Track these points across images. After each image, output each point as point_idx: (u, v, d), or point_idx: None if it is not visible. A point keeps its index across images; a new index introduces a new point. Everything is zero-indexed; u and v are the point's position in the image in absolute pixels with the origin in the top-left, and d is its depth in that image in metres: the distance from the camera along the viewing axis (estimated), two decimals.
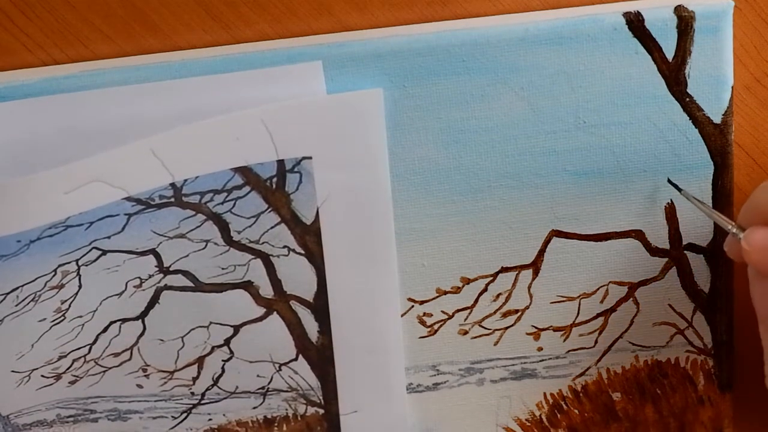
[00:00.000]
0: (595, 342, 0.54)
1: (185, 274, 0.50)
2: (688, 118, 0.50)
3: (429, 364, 0.54)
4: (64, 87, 0.46)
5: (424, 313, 0.53)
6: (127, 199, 0.47)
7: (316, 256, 0.50)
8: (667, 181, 0.51)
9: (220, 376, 0.53)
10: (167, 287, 0.50)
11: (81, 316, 0.50)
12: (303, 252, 0.50)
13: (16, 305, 0.49)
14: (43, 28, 0.47)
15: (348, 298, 0.51)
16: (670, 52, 0.49)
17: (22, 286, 0.48)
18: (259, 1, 0.48)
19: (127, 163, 0.46)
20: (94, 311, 0.50)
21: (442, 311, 0.53)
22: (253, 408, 0.54)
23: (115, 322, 0.51)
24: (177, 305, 0.51)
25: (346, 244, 0.50)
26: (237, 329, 0.52)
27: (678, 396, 0.55)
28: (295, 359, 0.53)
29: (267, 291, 0.51)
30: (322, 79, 0.47)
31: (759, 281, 0.46)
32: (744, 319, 0.53)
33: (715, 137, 0.50)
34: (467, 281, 0.52)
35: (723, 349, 0.54)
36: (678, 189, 0.50)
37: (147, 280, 0.50)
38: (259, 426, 0.54)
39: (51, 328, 0.50)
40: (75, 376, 0.52)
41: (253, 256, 0.50)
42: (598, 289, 0.53)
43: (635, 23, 0.48)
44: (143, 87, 0.47)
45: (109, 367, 0.52)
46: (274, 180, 0.49)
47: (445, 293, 0.52)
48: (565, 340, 0.54)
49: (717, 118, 0.50)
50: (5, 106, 0.46)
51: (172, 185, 0.48)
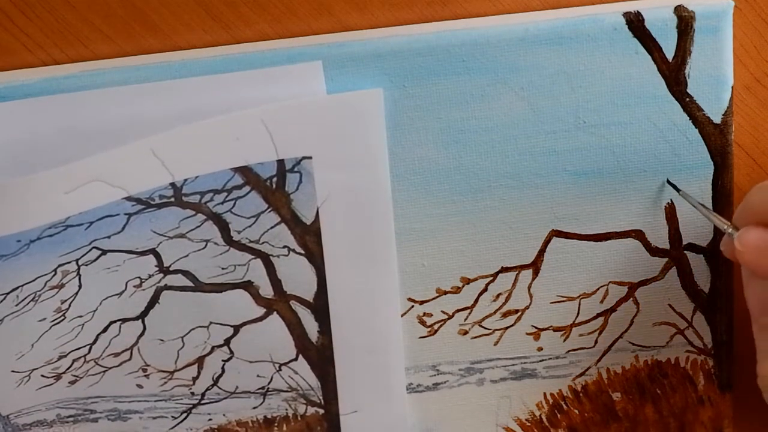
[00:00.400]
0: (595, 342, 0.54)
1: (185, 274, 0.50)
2: (688, 118, 0.50)
3: (429, 364, 0.54)
4: (64, 87, 0.46)
5: (424, 313, 0.53)
6: (127, 198, 0.47)
7: (316, 256, 0.50)
8: (666, 181, 0.51)
9: (220, 376, 0.53)
10: (167, 287, 0.50)
11: (81, 316, 0.50)
12: (303, 252, 0.50)
13: (16, 305, 0.49)
14: (43, 28, 0.47)
15: (348, 298, 0.51)
16: (670, 52, 0.49)
17: (22, 285, 0.48)
18: (259, 1, 0.48)
19: (127, 163, 0.46)
20: (94, 311, 0.50)
21: (442, 311, 0.53)
22: (253, 408, 0.54)
23: (115, 322, 0.51)
24: (177, 305, 0.51)
25: (346, 244, 0.50)
26: (237, 329, 0.52)
27: (678, 396, 0.55)
28: (295, 359, 0.53)
29: (267, 291, 0.51)
30: (322, 79, 0.47)
31: (752, 281, 0.47)
32: (744, 319, 0.53)
33: (715, 137, 0.50)
34: (467, 281, 0.52)
35: (723, 349, 0.54)
36: (677, 189, 0.50)
37: (147, 279, 0.50)
38: (259, 426, 0.54)
39: (51, 327, 0.50)
40: (75, 376, 0.52)
41: (253, 256, 0.50)
42: (598, 289, 0.53)
43: (635, 23, 0.48)
44: (143, 87, 0.47)
45: (109, 367, 0.52)
46: (274, 180, 0.49)
47: (445, 293, 0.52)
48: (565, 340, 0.54)
49: (717, 118, 0.50)
50: (5, 106, 0.46)
51: (172, 185, 0.48)
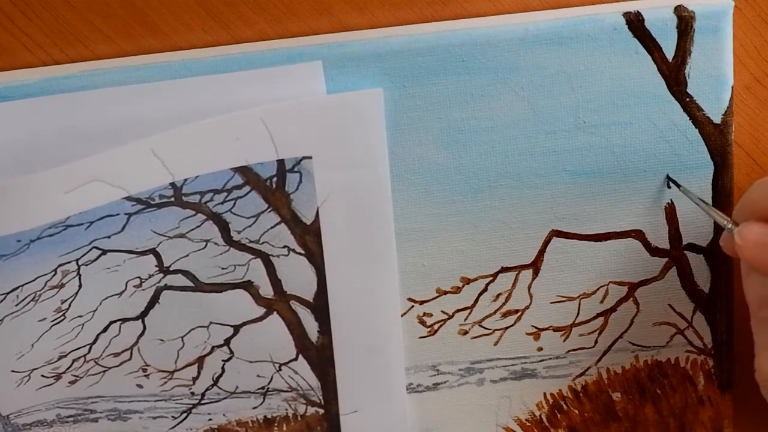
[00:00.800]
0: (595, 342, 0.54)
1: (185, 273, 0.50)
2: (688, 118, 0.50)
3: (429, 364, 0.54)
4: (64, 87, 0.46)
5: (424, 313, 0.53)
6: (127, 198, 0.47)
7: (316, 256, 0.50)
8: (666, 177, 0.51)
9: (220, 376, 0.53)
10: (167, 287, 0.50)
11: (81, 316, 0.50)
12: (303, 252, 0.50)
13: (16, 305, 0.49)
14: (43, 28, 0.47)
15: (348, 298, 0.51)
16: (670, 52, 0.49)
17: (22, 285, 0.48)
18: (259, 1, 0.48)
19: (127, 163, 0.46)
20: (94, 311, 0.50)
21: (442, 311, 0.53)
22: (253, 408, 0.54)
23: (115, 321, 0.51)
24: (177, 305, 0.51)
25: (346, 244, 0.50)
26: (237, 329, 0.52)
27: (678, 396, 0.55)
28: (295, 359, 0.53)
29: (267, 291, 0.51)
30: (322, 79, 0.47)
31: (751, 276, 0.47)
32: (744, 319, 0.53)
33: (715, 137, 0.50)
34: (467, 281, 0.52)
35: (723, 349, 0.54)
36: (677, 185, 0.50)
37: (147, 279, 0.50)
38: (259, 426, 0.54)
39: (51, 327, 0.50)
40: (75, 375, 0.52)
41: (253, 256, 0.50)
42: (598, 289, 0.53)
43: (635, 23, 0.48)
44: (143, 87, 0.47)
45: (109, 367, 0.52)
46: (274, 180, 0.49)
47: (445, 293, 0.52)
48: (565, 340, 0.54)
49: (717, 118, 0.50)
50: (5, 106, 0.46)
51: (172, 185, 0.48)
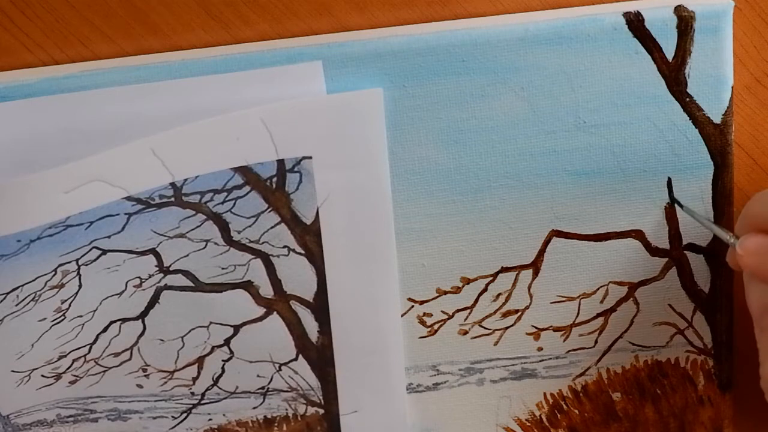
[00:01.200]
0: (595, 342, 0.54)
1: (185, 273, 0.50)
2: (688, 118, 0.50)
3: (429, 364, 0.54)
4: (64, 87, 0.46)
5: (424, 313, 0.53)
6: (127, 198, 0.47)
7: (316, 256, 0.50)
8: (668, 189, 0.51)
9: (220, 376, 0.53)
10: (167, 287, 0.50)
11: (81, 316, 0.50)
12: (303, 252, 0.50)
13: (17, 305, 0.49)
14: (43, 28, 0.47)
15: (348, 298, 0.51)
16: (670, 52, 0.49)
17: (22, 285, 0.48)
18: (259, 1, 0.48)
19: (127, 163, 0.46)
20: (94, 311, 0.50)
21: (442, 311, 0.53)
22: (253, 408, 0.54)
23: (115, 321, 0.51)
24: (177, 305, 0.51)
25: (346, 244, 0.50)
26: (237, 329, 0.52)
27: (678, 396, 0.55)
28: (295, 359, 0.53)
29: (267, 291, 0.51)
30: (322, 79, 0.47)
31: (753, 284, 0.48)
32: (744, 319, 0.53)
33: (715, 137, 0.50)
34: (467, 281, 0.52)
35: (723, 349, 0.54)
36: (680, 205, 0.51)
37: (147, 279, 0.50)
38: (259, 426, 0.54)
39: (51, 327, 0.50)
40: (75, 375, 0.52)
41: (253, 256, 0.50)
42: (598, 289, 0.53)
43: (635, 23, 0.48)
44: (143, 87, 0.47)
45: (109, 367, 0.52)
46: (274, 180, 0.49)
47: (445, 293, 0.52)
48: (565, 340, 0.54)
49: (717, 118, 0.50)
50: (5, 106, 0.46)
51: (172, 185, 0.48)
